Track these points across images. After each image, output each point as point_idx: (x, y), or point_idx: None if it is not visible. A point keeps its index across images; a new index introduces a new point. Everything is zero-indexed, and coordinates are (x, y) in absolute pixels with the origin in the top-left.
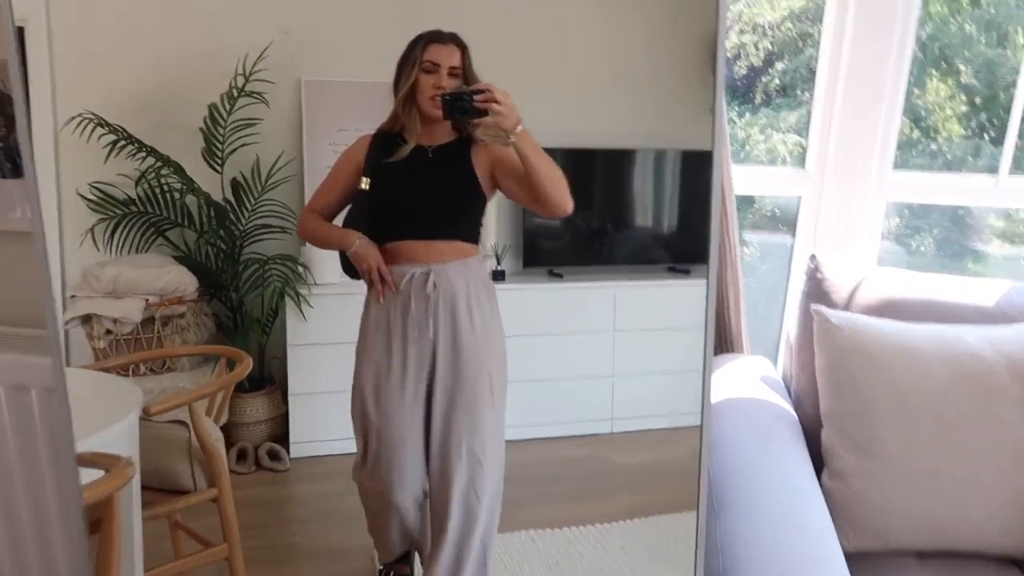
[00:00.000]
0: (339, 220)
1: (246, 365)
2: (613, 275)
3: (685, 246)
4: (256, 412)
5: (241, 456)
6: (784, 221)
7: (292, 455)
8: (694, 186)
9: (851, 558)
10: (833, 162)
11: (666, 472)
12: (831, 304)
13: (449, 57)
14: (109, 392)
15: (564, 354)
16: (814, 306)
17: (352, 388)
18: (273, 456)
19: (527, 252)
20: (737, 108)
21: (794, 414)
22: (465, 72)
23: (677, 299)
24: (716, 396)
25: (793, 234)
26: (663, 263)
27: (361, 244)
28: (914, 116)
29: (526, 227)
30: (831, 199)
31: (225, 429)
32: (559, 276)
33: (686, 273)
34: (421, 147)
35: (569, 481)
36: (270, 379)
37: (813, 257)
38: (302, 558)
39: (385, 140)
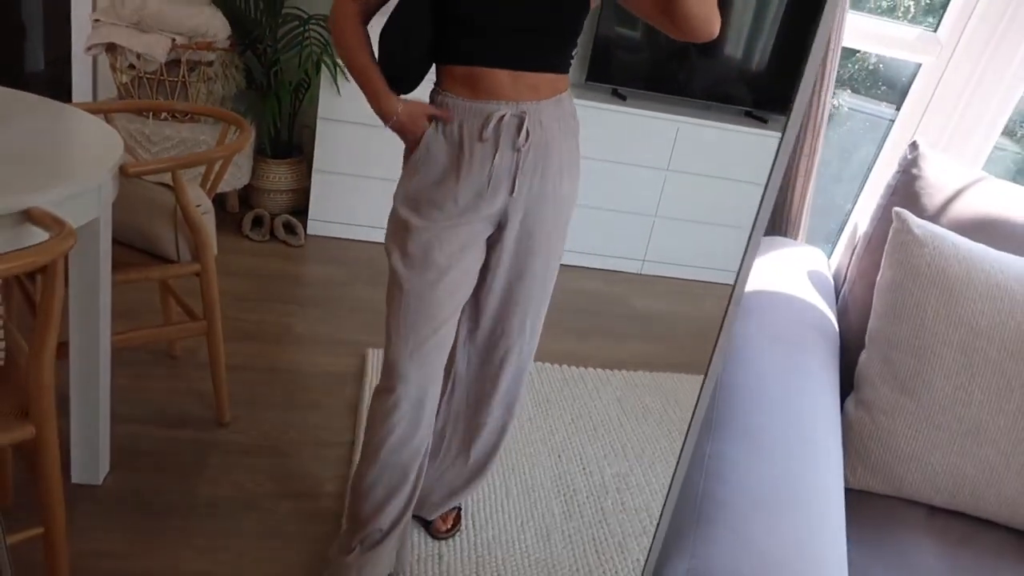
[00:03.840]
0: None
1: (245, 137)
2: (681, 108)
3: (769, 90)
4: (278, 180)
5: (257, 223)
6: (888, 85)
7: (308, 232)
8: (799, 22)
9: (852, 495)
10: (972, 33)
11: (682, 327)
12: (919, 211)
13: None
14: (90, 141)
15: (609, 183)
16: (898, 209)
17: (391, 245)
18: (289, 229)
19: (593, 64)
20: None
21: (835, 325)
22: None
23: (744, 148)
24: (751, 285)
25: (897, 107)
26: (741, 105)
27: (404, 114)
28: None
29: (598, 34)
30: (958, 77)
31: (244, 192)
32: (622, 98)
33: (762, 123)
34: None
35: (582, 315)
36: (298, 149)
37: (915, 146)
38: (292, 341)
39: None
